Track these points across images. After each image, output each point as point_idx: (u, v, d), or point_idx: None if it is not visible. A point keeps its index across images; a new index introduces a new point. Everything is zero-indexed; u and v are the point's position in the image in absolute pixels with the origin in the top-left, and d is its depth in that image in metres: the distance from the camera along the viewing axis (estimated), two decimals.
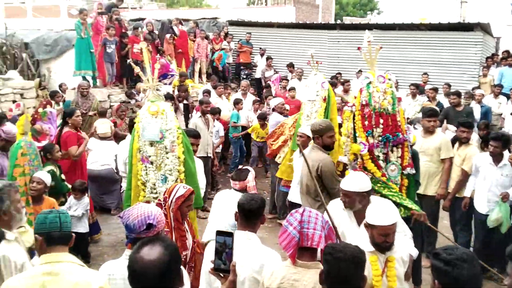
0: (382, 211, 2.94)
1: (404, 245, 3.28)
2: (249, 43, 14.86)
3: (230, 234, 2.12)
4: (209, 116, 8.04)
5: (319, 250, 2.60)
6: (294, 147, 6.55)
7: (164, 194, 3.50)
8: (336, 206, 3.65)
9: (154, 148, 4.41)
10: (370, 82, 4.21)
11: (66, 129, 6.29)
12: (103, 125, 7.82)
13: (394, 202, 3.82)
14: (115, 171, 7.27)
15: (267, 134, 8.24)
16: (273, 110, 8.88)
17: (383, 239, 2.91)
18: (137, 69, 5.05)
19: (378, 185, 4.07)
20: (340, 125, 7.15)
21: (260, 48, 14.57)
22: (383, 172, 4.16)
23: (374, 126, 4.13)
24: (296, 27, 15.66)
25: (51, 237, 2.44)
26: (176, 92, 9.96)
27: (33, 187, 4.53)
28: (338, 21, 22.09)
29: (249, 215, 3.02)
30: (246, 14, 19.28)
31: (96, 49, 10.40)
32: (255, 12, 20.84)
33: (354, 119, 4.28)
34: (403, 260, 3.13)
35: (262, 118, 9.18)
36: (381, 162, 4.18)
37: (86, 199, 5.82)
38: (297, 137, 5.93)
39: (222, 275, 2.11)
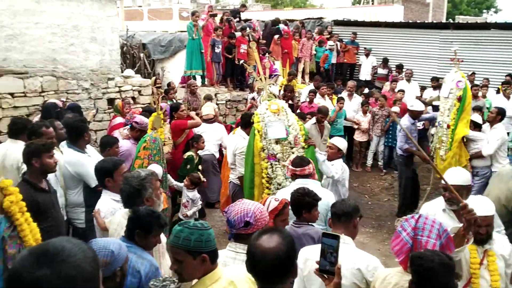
0: (478, 203, 2.97)
1: (505, 244, 3.12)
2: (354, 43, 14.56)
3: (336, 237, 2.10)
4: (325, 123, 7.61)
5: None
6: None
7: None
8: (433, 208, 3.50)
9: (280, 145, 4.49)
10: None
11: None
12: (207, 108, 8.21)
13: None
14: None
15: None
16: None
17: (476, 230, 2.90)
18: (250, 69, 5.18)
19: None
20: (476, 124, 6.99)
21: (365, 48, 14.19)
22: None
23: None
24: (404, 27, 14.98)
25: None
26: (281, 92, 10.03)
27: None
28: (451, 20, 20.78)
29: (341, 215, 3.04)
30: (351, 13, 18.96)
31: (206, 50, 10.89)
32: (361, 11, 20.40)
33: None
34: (505, 258, 3.01)
35: None
36: None
37: (197, 194, 6.07)
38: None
39: (326, 277, 2.10)
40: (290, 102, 10.31)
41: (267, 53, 12.41)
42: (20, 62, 7.78)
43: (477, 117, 7.17)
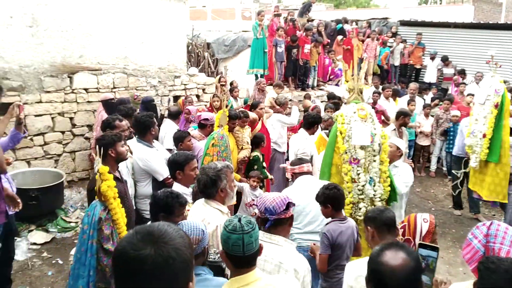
0: None
1: None
2: (421, 44, 14.12)
3: (435, 248, 2.03)
4: (403, 128, 7.22)
5: None
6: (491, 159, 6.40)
7: (402, 222, 3.48)
8: None
9: (364, 151, 4.48)
10: None
11: None
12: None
13: None
14: None
15: None
16: None
17: None
18: (344, 67, 5.17)
19: None
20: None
21: (430, 53, 13.71)
22: None
23: None
24: (475, 28, 14.33)
25: (235, 260, 2.26)
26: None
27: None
28: None
29: (390, 225, 2.94)
30: (418, 13, 18.37)
31: (270, 50, 10.99)
32: (428, 11, 19.74)
33: None
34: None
35: None
36: None
37: (262, 192, 6.10)
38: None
39: None
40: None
41: (330, 54, 12.35)
42: (95, 59, 8.23)
43: None
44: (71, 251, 3.84)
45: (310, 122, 6.36)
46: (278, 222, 2.75)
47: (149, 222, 2.94)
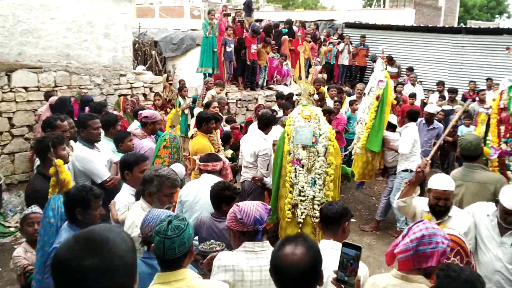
0: (440, 178, 3.39)
1: (465, 221, 3.39)
2: (365, 46, 14.57)
3: (357, 247, 2.06)
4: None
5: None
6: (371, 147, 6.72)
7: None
8: (481, 210, 3.53)
9: (306, 151, 4.49)
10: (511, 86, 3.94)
11: None
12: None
13: None
14: None
15: None
16: None
17: (435, 202, 3.35)
18: (292, 72, 5.20)
19: None
20: (390, 124, 6.95)
21: (372, 57, 14.21)
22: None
23: (510, 131, 3.88)
24: (416, 31, 14.99)
25: (157, 258, 2.26)
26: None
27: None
28: (463, 25, 20.72)
29: (328, 221, 2.97)
30: (362, 16, 18.94)
31: (219, 49, 10.97)
32: (372, 14, 20.38)
33: (488, 122, 4.06)
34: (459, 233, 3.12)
35: None
36: (509, 173, 3.92)
37: None
38: None
39: (343, 287, 2.07)
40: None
41: (280, 56, 12.47)
42: (35, 57, 7.89)
43: (392, 118, 7.09)
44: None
45: (265, 122, 6.38)
46: (265, 230, 2.75)
47: (66, 224, 2.91)
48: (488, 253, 3.36)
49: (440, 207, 3.33)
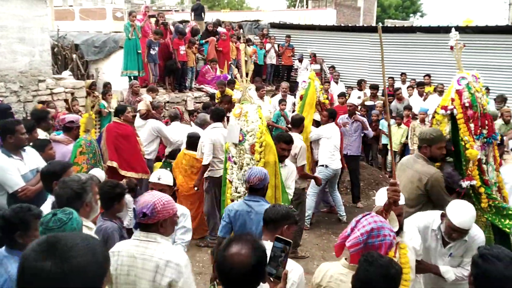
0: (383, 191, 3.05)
1: (414, 236, 3.22)
2: (290, 46, 14.92)
3: (287, 242, 2.14)
4: None
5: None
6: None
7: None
8: (425, 223, 3.53)
9: (237, 149, 4.52)
10: (468, 83, 4.05)
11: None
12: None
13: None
14: None
15: None
16: None
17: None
18: (235, 71, 5.20)
19: (489, 215, 3.97)
20: (317, 123, 7.32)
21: (298, 57, 14.59)
22: (486, 178, 3.99)
23: (480, 128, 3.95)
24: (337, 30, 15.60)
25: None
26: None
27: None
28: (380, 24, 21.82)
29: (268, 222, 3.09)
30: (287, 16, 19.35)
31: (143, 51, 10.75)
32: (296, 14, 20.89)
33: (453, 123, 4.07)
34: (416, 249, 3.13)
35: None
36: (483, 166, 4.03)
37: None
38: None
39: (272, 280, 2.12)
40: (228, 114, 10.27)
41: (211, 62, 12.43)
42: None
43: (316, 116, 7.48)
44: None
45: (221, 115, 6.65)
46: (140, 225, 2.73)
47: (4, 250, 2.71)
48: (430, 262, 3.46)
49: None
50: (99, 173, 4.76)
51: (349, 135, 8.12)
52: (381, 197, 3.05)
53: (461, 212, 3.21)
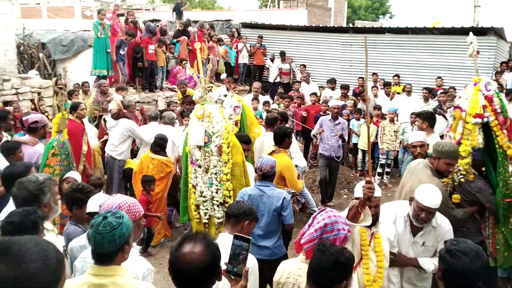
0: (360, 184, 3.18)
1: (390, 227, 3.37)
2: (262, 45, 14.95)
3: (247, 240, 2.13)
4: None
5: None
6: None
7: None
8: (398, 212, 3.57)
9: (202, 151, 4.42)
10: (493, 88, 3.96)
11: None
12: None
13: None
14: None
15: None
16: None
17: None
18: (191, 71, 5.11)
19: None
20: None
21: (270, 56, 14.65)
22: None
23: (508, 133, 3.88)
24: (308, 30, 15.72)
25: (91, 251, 2.39)
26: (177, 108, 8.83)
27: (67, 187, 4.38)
28: (350, 25, 22.12)
29: (230, 216, 3.20)
30: (258, 16, 19.38)
31: (112, 50, 10.58)
32: (268, 14, 20.94)
33: (488, 130, 3.89)
34: (390, 240, 3.28)
35: None
36: None
37: None
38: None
39: (233, 278, 2.12)
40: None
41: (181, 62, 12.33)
42: None
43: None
44: None
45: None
46: None
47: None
48: (400, 251, 3.49)
49: (372, 215, 3.15)
50: (75, 176, 4.60)
51: (331, 137, 8.06)
52: (359, 190, 3.16)
53: (427, 192, 3.33)
